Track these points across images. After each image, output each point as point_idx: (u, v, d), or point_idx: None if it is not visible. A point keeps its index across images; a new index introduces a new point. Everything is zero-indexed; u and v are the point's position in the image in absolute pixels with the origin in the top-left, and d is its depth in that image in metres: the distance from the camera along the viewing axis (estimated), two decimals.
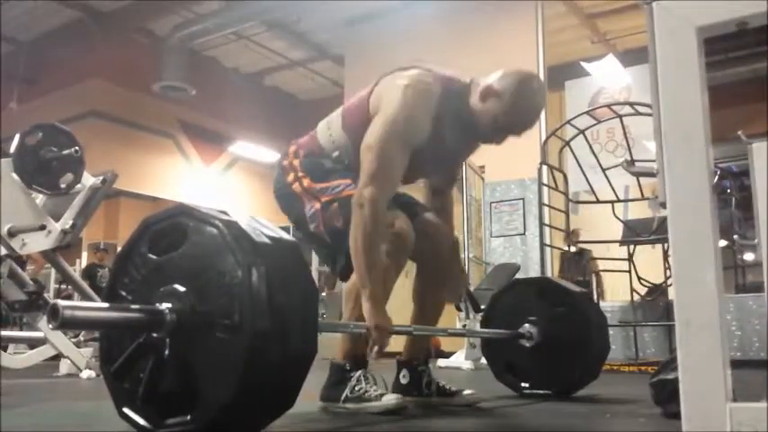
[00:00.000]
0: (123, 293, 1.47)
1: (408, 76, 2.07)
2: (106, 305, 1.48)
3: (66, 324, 1.25)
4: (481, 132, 2.15)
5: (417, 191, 2.42)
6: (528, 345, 2.57)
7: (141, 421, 1.38)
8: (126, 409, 1.41)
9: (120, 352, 1.43)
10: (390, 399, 2.00)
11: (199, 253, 1.37)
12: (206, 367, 1.30)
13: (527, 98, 2.06)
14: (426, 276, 2.30)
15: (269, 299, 1.26)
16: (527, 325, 2.59)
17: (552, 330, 2.57)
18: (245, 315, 1.25)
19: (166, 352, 1.36)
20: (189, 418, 1.30)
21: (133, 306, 1.41)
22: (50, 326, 1.26)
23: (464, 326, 5.49)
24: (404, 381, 2.26)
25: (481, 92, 2.07)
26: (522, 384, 2.65)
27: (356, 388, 2.04)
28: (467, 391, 2.24)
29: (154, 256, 1.44)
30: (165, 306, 1.35)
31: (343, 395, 2.04)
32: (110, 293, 1.50)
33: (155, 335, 1.36)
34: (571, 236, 6.13)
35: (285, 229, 1.56)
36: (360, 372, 2.08)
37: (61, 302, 1.23)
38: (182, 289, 1.35)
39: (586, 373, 2.62)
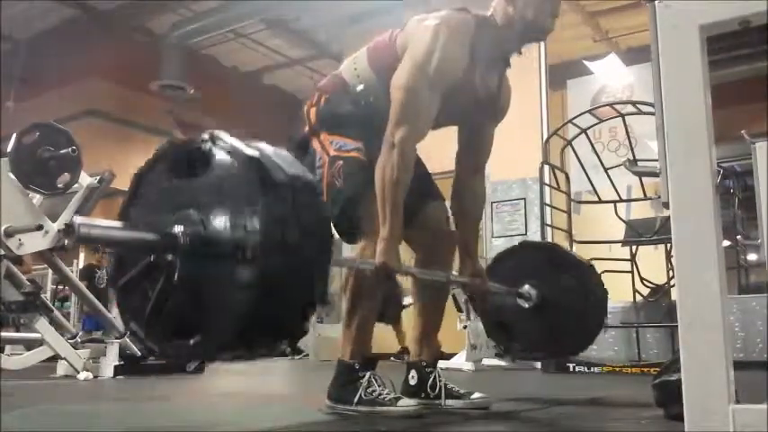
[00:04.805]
0: (139, 213, 1.49)
1: (440, 15, 2.08)
2: (121, 224, 1.48)
3: (82, 240, 1.27)
4: (511, 46, 2.18)
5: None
6: (526, 305, 2.56)
7: (147, 338, 1.41)
8: (133, 326, 1.44)
9: (130, 270, 1.46)
10: (407, 404, 1.98)
11: (219, 183, 1.37)
12: (214, 296, 1.32)
13: None
14: (425, 266, 2.27)
15: (283, 238, 1.27)
16: (527, 286, 2.57)
17: (552, 295, 2.55)
18: (258, 251, 1.25)
19: (176, 274, 1.36)
20: (192, 342, 1.32)
21: (147, 227, 1.41)
22: (67, 242, 1.27)
23: (465, 327, 5.48)
24: (412, 382, 2.24)
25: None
26: (513, 344, 2.65)
27: (369, 390, 2.00)
28: (476, 394, 2.22)
29: (173, 179, 1.45)
30: (179, 229, 1.35)
31: (356, 397, 2.00)
32: (124, 212, 1.51)
33: (167, 256, 1.37)
34: None
35: None
36: (370, 373, 2.05)
37: (77, 219, 1.25)
38: (198, 216, 1.36)
39: (578, 342, 2.62)
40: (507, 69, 2.30)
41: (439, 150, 2.38)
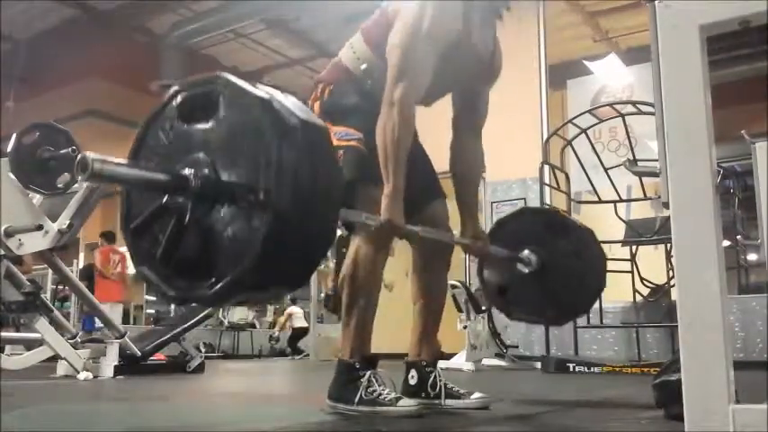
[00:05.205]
0: (148, 157, 1.50)
1: None
2: (133, 163, 1.49)
3: (96, 177, 1.27)
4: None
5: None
6: (525, 270, 2.55)
7: (159, 282, 1.42)
8: (143, 268, 1.45)
9: (141, 214, 1.48)
10: (407, 404, 1.97)
11: (230, 126, 1.37)
12: (225, 238, 1.33)
13: None
14: (425, 267, 2.30)
15: (294, 181, 1.27)
16: (527, 251, 2.56)
17: (551, 260, 2.54)
18: (269, 194, 1.27)
19: (187, 217, 1.38)
20: (204, 284, 1.33)
21: (159, 168, 1.43)
22: (80, 178, 1.27)
23: (465, 327, 5.48)
24: (412, 382, 2.23)
25: None
26: (513, 308, 2.66)
27: (369, 390, 1.99)
28: (476, 394, 2.21)
29: (183, 124, 1.45)
30: (190, 171, 1.36)
31: (357, 397, 1.99)
32: (134, 157, 1.52)
33: (178, 199, 1.39)
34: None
35: None
36: (370, 372, 2.03)
37: (91, 155, 1.25)
38: (208, 159, 1.36)
39: (577, 308, 2.64)
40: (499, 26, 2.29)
41: (439, 150, 2.38)
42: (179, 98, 1.47)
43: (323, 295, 8.38)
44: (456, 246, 2.33)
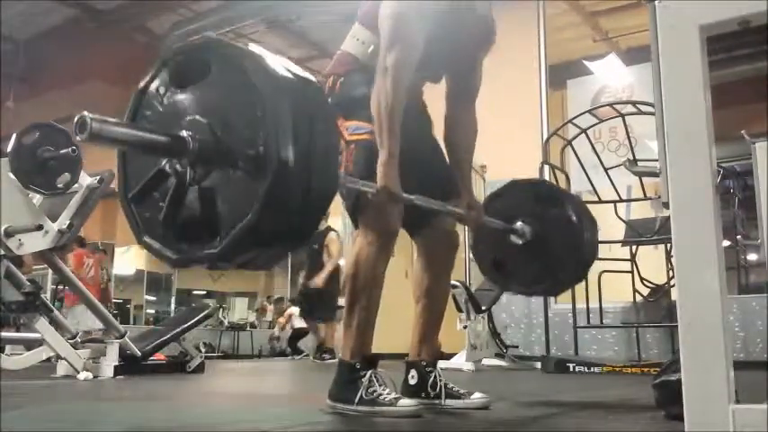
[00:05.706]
0: (144, 125, 1.49)
1: None
2: (133, 124, 1.49)
3: (94, 137, 1.26)
4: None
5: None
6: (519, 242, 2.55)
7: (162, 248, 1.42)
8: (146, 238, 1.45)
9: (139, 182, 1.48)
10: (407, 404, 1.98)
11: (223, 86, 1.38)
12: (227, 197, 1.34)
13: None
14: (429, 267, 2.30)
15: (293, 131, 1.28)
16: (520, 223, 2.56)
17: (544, 231, 2.54)
18: (269, 146, 1.27)
19: (188, 179, 1.38)
20: (209, 245, 1.34)
21: (158, 131, 1.43)
22: (78, 138, 1.26)
23: (465, 327, 5.48)
24: (412, 382, 2.24)
25: None
26: (508, 281, 2.69)
27: (369, 390, 2.00)
28: (476, 394, 2.21)
29: (176, 89, 1.45)
30: (188, 133, 1.36)
31: (357, 397, 1.99)
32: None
33: (176, 162, 1.39)
34: None
35: None
36: (370, 372, 2.04)
37: (89, 115, 1.25)
38: (204, 120, 1.37)
39: (571, 277, 2.65)
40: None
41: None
42: (170, 65, 1.48)
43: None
44: (456, 246, 2.33)
